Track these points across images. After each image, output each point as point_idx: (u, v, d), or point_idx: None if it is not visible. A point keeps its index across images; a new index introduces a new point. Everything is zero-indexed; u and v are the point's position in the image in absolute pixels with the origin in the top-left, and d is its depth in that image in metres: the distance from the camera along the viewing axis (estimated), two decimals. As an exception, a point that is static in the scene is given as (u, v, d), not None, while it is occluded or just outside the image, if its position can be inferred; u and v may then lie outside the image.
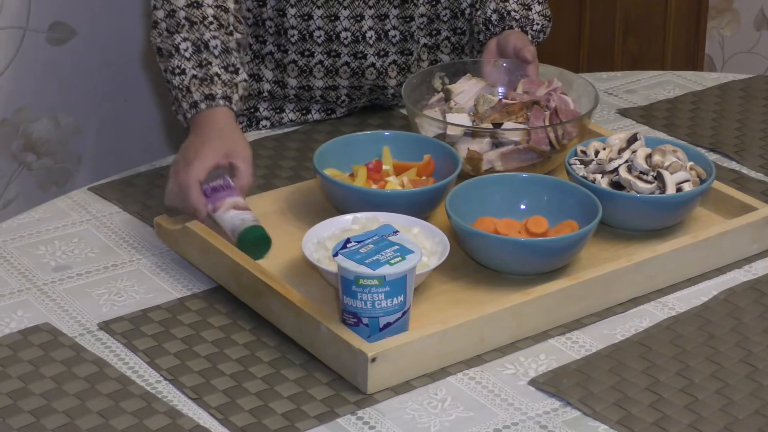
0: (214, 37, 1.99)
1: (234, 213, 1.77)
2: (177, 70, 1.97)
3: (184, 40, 1.98)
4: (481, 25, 2.24)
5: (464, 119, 2.01)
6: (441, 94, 2.08)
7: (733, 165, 2.11)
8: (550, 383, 1.58)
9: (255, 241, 1.74)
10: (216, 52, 1.98)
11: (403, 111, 2.16)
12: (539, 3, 2.24)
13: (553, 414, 1.53)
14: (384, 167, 1.93)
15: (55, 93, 2.67)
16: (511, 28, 2.20)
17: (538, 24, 2.21)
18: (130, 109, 2.87)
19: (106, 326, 1.70)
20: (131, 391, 1.56)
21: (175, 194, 1.86)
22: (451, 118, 2.01)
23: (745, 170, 2.09)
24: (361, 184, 1.89)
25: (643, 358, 1.63)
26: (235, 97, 1.96)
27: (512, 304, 1.66)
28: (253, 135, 2.20)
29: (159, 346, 1.66)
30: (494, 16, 2.21)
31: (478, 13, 2.26)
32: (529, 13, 2.20)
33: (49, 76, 2.65)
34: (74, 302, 1.75)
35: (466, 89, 2.07)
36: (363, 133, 2.01)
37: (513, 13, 2.20)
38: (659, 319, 1.71)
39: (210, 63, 1.97)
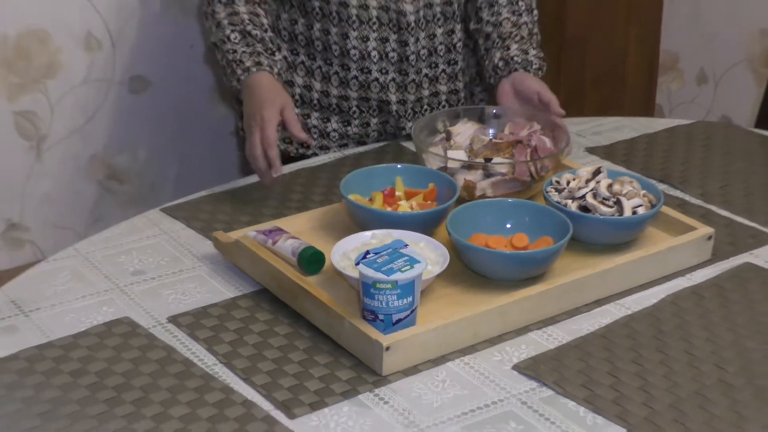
0: (254, 28, 2.06)
1: (290, 241, 1.78)
2: (231, 50, 2.04)
3: (232, 31, 2.05)
4: (490, 71, 2.24)
5: (461, 155, 2.01)
6: (443, 135, 2.08)
7: (678, 193, 2.10)
8: (529, 368, 1.58)
9: (311, 257, 1.74)
10: (258, 38, 2.05)
11: (412, 148, 2.15)
12: (533, 48, 2.24)
13: (531, 393, 1.53)
14: (397, 193, 1.93)
15: (134, 133, 2.68)
16: (516, 70, 2.19)
17: (536, 64, 2.21)
18: (194, 146, 2.87)
19: (173, 320, 1.70)
20: (193, 372, 1.56)
21: (255, 147, 1.95)
22: (451, 153, 2.02)
23: (687, 198, 2.09)
24: (378, 206, 1.89)
25: (604, 348, 1.62)
26: (276, 68, 2.04)
27: (499, 304, 1.67)
28: (290, 167, 2.20)
29: (215, 336, 1.66)
30: (500, 63, 2.21)
31: (486, 62, 2.26)
32: (527, 56, 2.20)
33: (129, 119, 2.65)
34: (148, 300, 1.76)
35: (463, 131, 2.07)
36: (379, 165, 2.01)
37: (515, 58, 2.20)
38: (617, 317, 1.71)
39: (254, 44, 2.03)
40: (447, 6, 2.25)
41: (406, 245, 1.68)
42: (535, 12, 2.32)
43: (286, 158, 2.28)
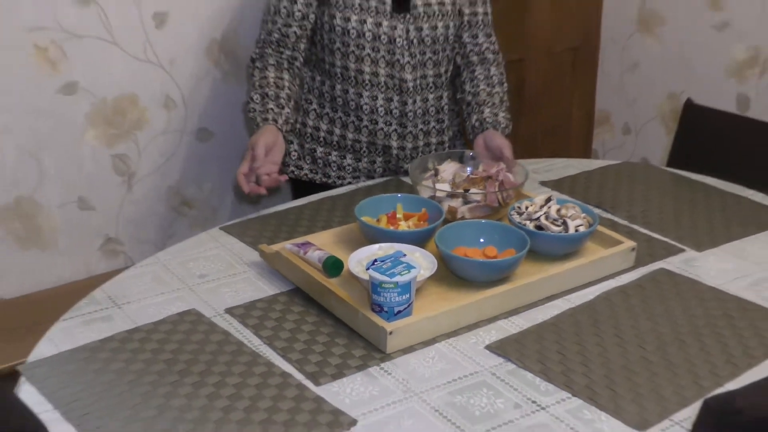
0: (274, 90, 2.08)
1: (317, 252, 1.77)
2: (252, 109, 2.07)
3: (255, 93, 2.09)
4: (469, 129, 2.23)
5: (446, 187, 2.01)
6: (432, 172, 2.07)
7: (609, 216, 2.10)
8: (498, 348, 1.57)
9: (334, 264, 1.74)
10: (272, 98, 2.07)
11: (410, 181, 2.15)
12: (502, 111, 2.23)
13: (499, 366, 1.52)
14: (398, 216, 1.92)
15: (200, 170, 2.68)
16: (488, 128, 2.18)
17: (503, 124, 2.20)
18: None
19: (229, 311, 1.69)
20: (244, 351, 1.56)
21: (244, 164, 1.95)
22: (438, 186, 2.01)
23: (616, 219, 2.08)
24: (383, 226, 1.88)
25: (554, 333, 1.62)
26: (280, 119, 2.05)
27: (475, 299, 1.66)
28: (318, 196, 2.20)
29: (261, 323, 1.65)
30: (477, 123, 2.20)
31: (467, 123, 2.25)
32: (497, 118, 2.20)
33: (197, 160, 2.66)
34: (210, 296, 1.75)
35: (448, 169, 2.07)
36: (384, 195, 2.01)
37: (488, 119, 2.19)
38: (564, 309, 1.70)
39: (268, 103, 2.06)
40: (437, 78, 2.24)
41: (405, 255, 1.67)
42: (506, 84, 2.32)
43: (313, 185, 2.27)
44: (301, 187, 2.34)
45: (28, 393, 1.46)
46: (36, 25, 2.29)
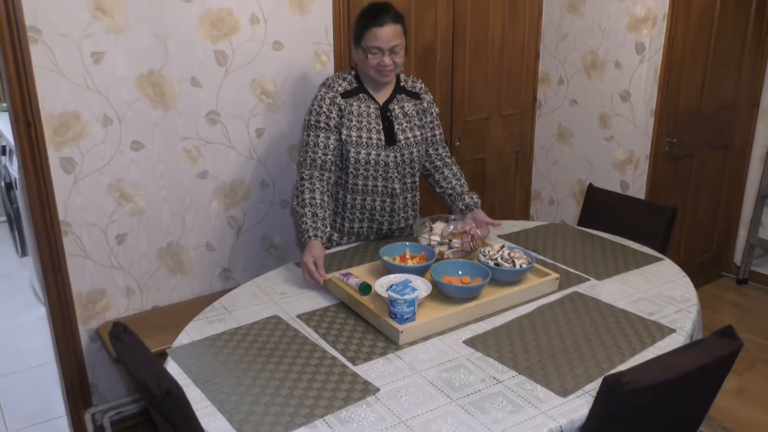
0: (321, 210, 1.95)
1: (355, 279, 1.75)
2: (304, 222, 1.93)
3: (308, 210, 1.94)
4: (457, 210, 2.16)
5: (437, 238, 1.99)
6: (428, 228, 2.06)
7: (541, 257, 2.07)
8: (470, 342, 1.54)
9: (365, 287, 1.71)
10: (320, 218, 1.93)
11: (413, 236, 2.13)
12: (472, 194, 2.17)
13: (471, 354, 1.49)
14: (407, 256, 1.91)
15: (281, 226, 2.68)
16: (472, 209, 2.13)
17: (478, 202, 2.15)
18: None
19: (299, 316, 1.67)
20: (307, 342, 1.54)
21: (304, 268, 1.83)
22: (432, 237, 2.00)
23: (546, 259, 2.06)
24: (398, 263, 1.86)
25: (507, 333, 1.59)
26: (324, 237, 1.91)
27: (456, 311, 1.63)
28: (354, 244, 2.18)
29: (319, 324, 1.63)
30: (463, 207, 2.15)
31: (453, 207, 2.18)
32: (473, 200, 2.15)
33: (280, 220, 2.66)
34: (287, 307, 1.73)
35: (438, 226, 2.05)
36: (398, 243, 1.98)
37: (469, 203, 2.14)
38: (513, 317, 1.67)
39: (317, 221, 1.92)
40: (413, 183, 2.17)
41: (411, 282, 1.66)
42: (463, 175, 2.25)
43: (356, 237, 2.23)
44: None
45: (172, 367, 1.45)
46: (185, 136, 2.31)
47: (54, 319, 2.19)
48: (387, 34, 1.94)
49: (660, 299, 1.78)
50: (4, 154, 3.79)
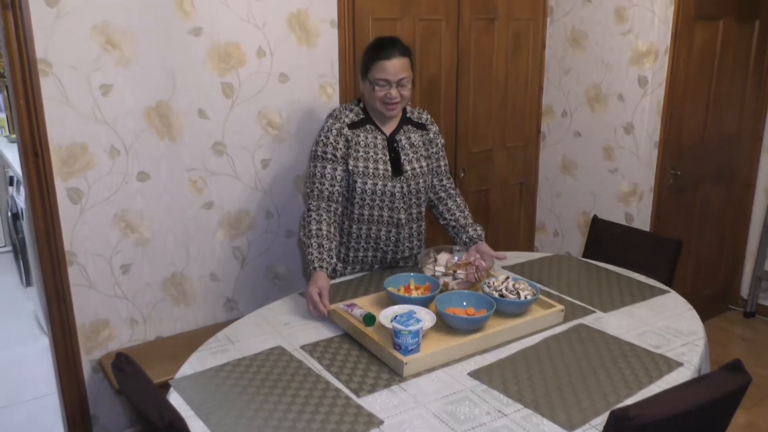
0: (327, 242, 1.95)
1: (359, 310, 1.75)
2: (310, 252, 1.93)
3: (314, 241, 1.94)
4: (461, 243, 2.15)
5: (442, 269, 1.98)
6: (433, 258, 2.05)
7: (546, 289, 2.06)
8: (475, 374, 1.53)
9: (369, 318, 1.70)
10: (326, 249, 1.93)
11: (418, 267, 2.13)
12: (476, 226, 2.17)
13: (476, 386, 1.48)
14: (411, 287, 1.90)
15: (286, 257, 2.68)
16: (476, 242, 2.12)
17: (482, 234, 2.15)
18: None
19: (303, 347, 1.66)
20: (311, 373, 1.52)
21: (308, 299, 1.83)
22: (437, 268, 1.99)
23: (551, 291, 2.05)
24: (402, 293, 1.85)
25: (512, 364, 1.57)
26: (330, 267, 1.91)
27: (461, 342, 1.62)
28: (361, 274, 2.18)
29: (322, 355, 1.62)
30: (467, 239, 2.14)
31: (457, 239, 2.17)
32: (477, 232, 2.14)
33: (284, 250, 2.67)
34: (291, 338, 1.72)
35: (442, 257, 2.05)
36: (402, 274, 1.97)
37: (473, 235, 2.13)
38: (518, 349, 1.66)
39: (323, 252, 1.92)
40: (419, 213, 2.17)
41: (415, 312, 1.65)
42: (467, 206, 2.26)
43: (360, 265, 2.22)
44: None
45: (175, 398, 1.44)
46: (191, 167, 2.33)
47: (57, 349, 2.18)
48: (394, 66, 1.97)
49: (667, 332, 1.76)
50: (11, 184, 3.82)
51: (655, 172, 2.97)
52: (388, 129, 2.10)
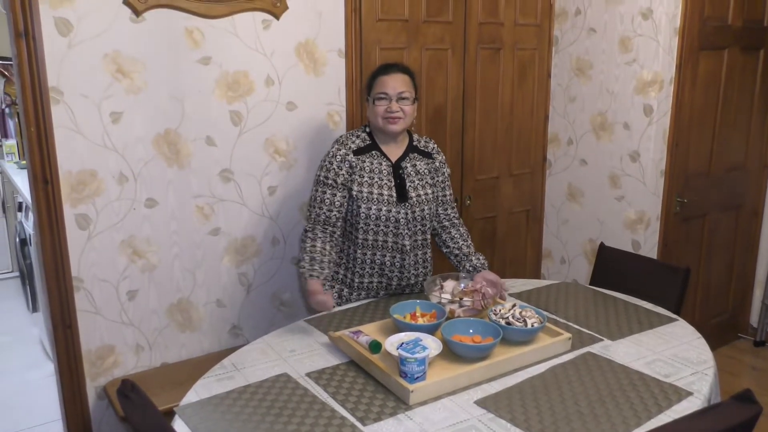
0: (320, 256, 1.99)
1: (364, 337, 1.74)
2: (302, 266, 1.98)
3: (306, 255, 1.99)
4: (464, 271, 2.15)
5: (448, 296, 1.98)
6: (439, 286, 2.05)
7: (553, 316, 2.05)
8: (482, 403, 1.52)
9: (375, 345, 1.70)
10: (318, 261, 1.97)
11: (424, 294, 2.13)
12: (479, 255, 2.18)
13: (483, 415, 1.47)
14: (417, 314, 1.89)
15: (291, 284, 2.68)
16: (479, 270, 2.12)
17: (485, 263, 2.15)
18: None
19: (308, 375, 1.65)
20: (317, 401, 1.51)
21: (312, 301, 1.90)
22: (443, 295, 1.98)
23: (558, 318, 2.04)
24: (408, 320, 1.85)
25: (519, 393, 1.56)
26: (322, 276, 1.95)
27: (467, 370, 1.61)
28: (367, 301, 2.17)
29: (328, 383, 1.61)
30: (470, 268, 2.14)
31: (460, 267, 2.18)
32: (480, 261, 2.15)
33: (290, 277, 2.67)
34: (296, 365, 1.71)
35: (448, 284, 2.04)
36: (409, 301, 1.97)
37: (476, 264, 2.14)
38: (525, 378, 1.64)
39: (314, 264, 1.96)
40: (424, 240, 2.18)
41: (421, 340, 1.64)
42: (469, 235, 2.26)
43: (366, 292, 2.20)
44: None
45: (180, 425, 1.43)
46: (198, 193, 2.35)
47: (62, 375, 2.18)
48: (394, 80, 2.04)
49: (675, 361, 1.75)
50: (20, 210, 3.85)
51: (661, 199, 2.97)
52: (394, 156, 2.12)
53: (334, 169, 2.06)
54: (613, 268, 2.53)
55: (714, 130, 3.11)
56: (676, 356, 1.77)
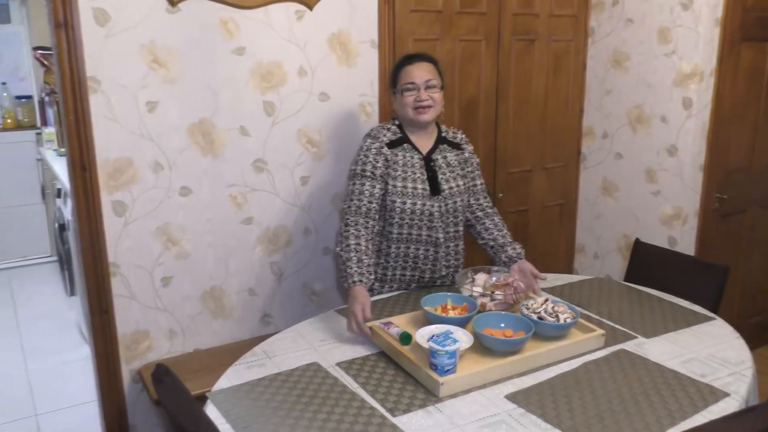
0: (366, 257, 1.93)
1: (395, 328, 1.74)
2: (348, 266, 1.90)
3: (353, 255, 1.91)
4: (500, 262, 2.12)
5: (480, 289, 1.97)
6: (471, 279, 2.03)
7: (586, 312, 2.02)
8: (513, 397, 1.50)
9: (406, 337, 1.69)
10: (365, 264, 1.91)
11: (456, 287, 2.11)
12: (515, 244, 2.15)
13: (514, 410, 1.45)
14: (448, 307, 1.88)
15: (323, 274, 2.69)
16: (515, 261, 2.09)
17: (521, 253, 2.12)
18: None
19: (339, 364, 1.66)
20: (347, 390, 1.52)
21: (351, 318, 1.79)
22: (474, 288, 1.97)
23: (591, 314, 2.01)
24: (439, 313, 1.84)
25: (550, 388, 1.54)
26: (369, 283, 1.89)
27: (498, 364, 1.60)
28: (399, 293, 2.17)
29: (358, 373, 1.61)
30: (506, 259, 2.12)
31: (496, 259, 2.15)
32: (516, 250, 2.12)
33: (321, 267, 2.68)
34: (327, 354, 1.72)
35: (480, 277, 2.02)
36: (439, 293, 1.96)
37: (512, 254, 2.11)
38: (557, 373, 1.63)
39: (362, 267, 1.90)
40: (456, 232, 2.16)
41: (452, 333, 1.64)
42: (505, 224, 2.23)
43: (397, 284, 2.20)
44: None
45: (211, 410, 1.45)
46: (232, 183, 2.37)
47: (98, 358, 2.23)
48: (419, 69, 2.03)
49: (712, 361, 1.71)
50: (59, 196, 3.93)
51: (700, 195, 2.90)
52: (425, 148, 2.11)
53: (371, 161, 2.05)
54: (649, 264, 2.48)
55: (756, 124, 3.02)
56: (713, 356, 1.73)
